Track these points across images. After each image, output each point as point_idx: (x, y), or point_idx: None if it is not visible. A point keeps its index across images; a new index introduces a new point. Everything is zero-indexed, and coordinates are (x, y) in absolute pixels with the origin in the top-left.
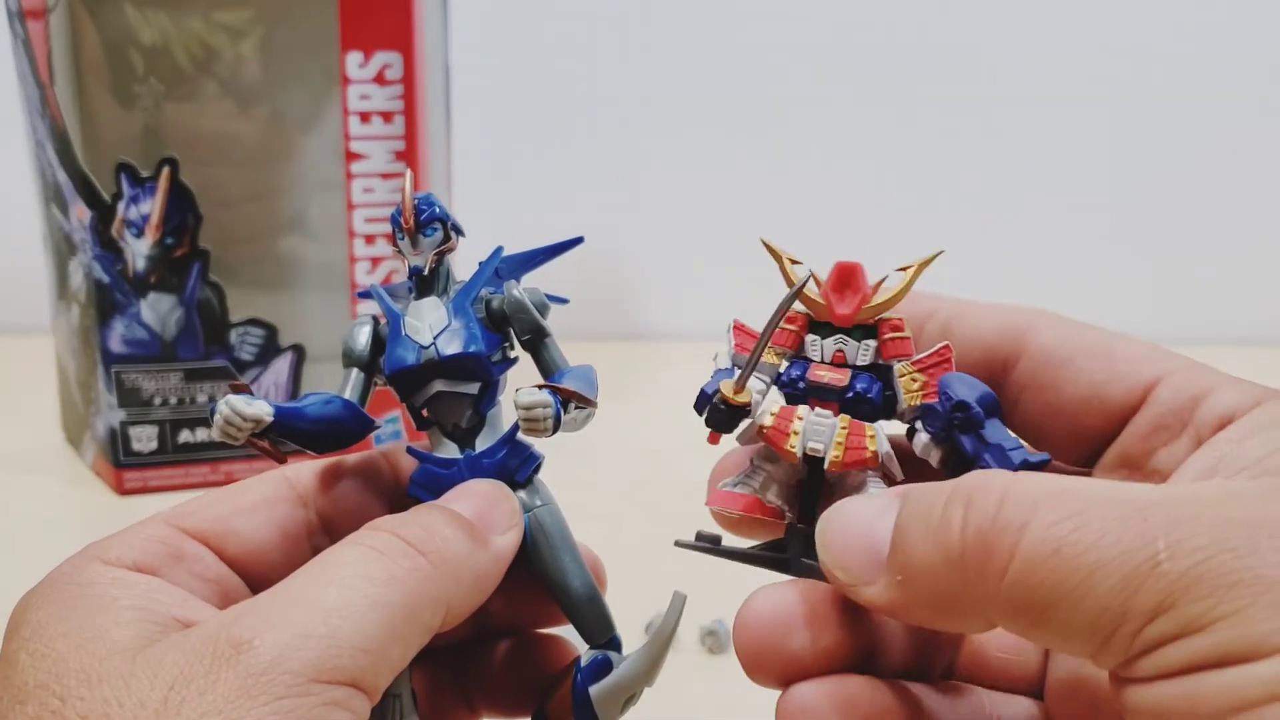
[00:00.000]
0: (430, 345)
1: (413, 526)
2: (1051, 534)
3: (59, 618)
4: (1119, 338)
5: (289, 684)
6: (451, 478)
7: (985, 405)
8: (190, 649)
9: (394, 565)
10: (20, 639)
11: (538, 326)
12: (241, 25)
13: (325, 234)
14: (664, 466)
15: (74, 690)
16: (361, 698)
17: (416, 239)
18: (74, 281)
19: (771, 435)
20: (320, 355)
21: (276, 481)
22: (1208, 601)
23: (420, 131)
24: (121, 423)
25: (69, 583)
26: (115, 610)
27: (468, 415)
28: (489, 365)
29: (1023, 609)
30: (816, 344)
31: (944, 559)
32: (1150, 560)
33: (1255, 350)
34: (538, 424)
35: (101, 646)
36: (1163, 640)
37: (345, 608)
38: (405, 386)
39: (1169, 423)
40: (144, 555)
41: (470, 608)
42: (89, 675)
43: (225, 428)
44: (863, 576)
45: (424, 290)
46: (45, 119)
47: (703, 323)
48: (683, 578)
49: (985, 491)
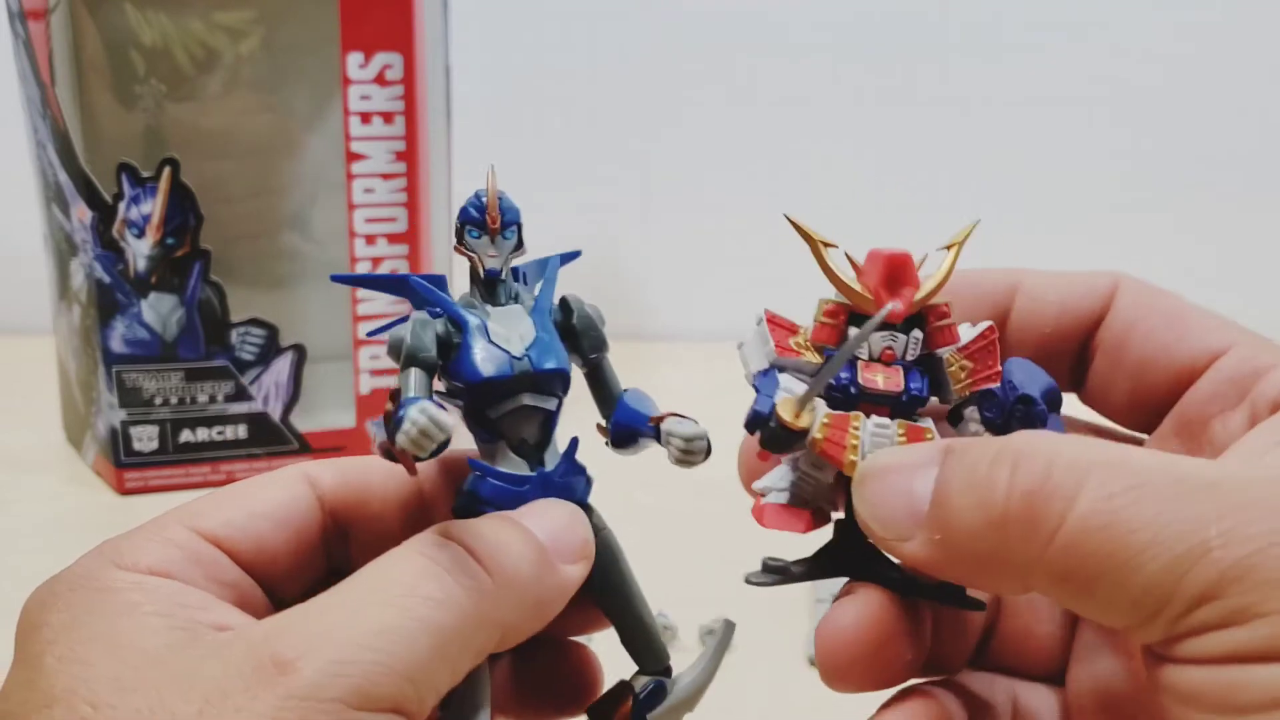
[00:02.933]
0: (523, 357)
1: (485, 539)
2: (1105, 506)
3: (82, 623)
4: (1194, 307)
5: (329, 710)
6: (524, 495)
7: (1049, 400)
8: (230, 662)
9: (454, 585)
10: (43, 641)
11: (604, 342)
12: (242, 26)
13: (326, 234)
14: (665, 467)
15: (105, 698)
16: None
17: (497, 239)
18: (75, 282)
19: (828, 450)
20: (320, 355)
21: (294, 481)
22: (1256, 595)
23: (420, 132)
24: (122, 422)
25: (87, 587)
26: (140, 616)
27: (537, 431)
28: (569, 382)
29: (1066, 578)
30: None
31: (985, 519)
32: (1202, 545)
33: None
34: (696, 457)
35: (134, 654)
36: (1206, 627)
37: (395, 630)
38: (488, 397)
39: (1227, 392)
40: (160, 559)
41: (526, 634)
42: (121, 683)
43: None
44: (901, 532)
45: (491, 296)
46: (46, 119)
47: (703, 323)
48: (683, 578)
49: (1034, 453)
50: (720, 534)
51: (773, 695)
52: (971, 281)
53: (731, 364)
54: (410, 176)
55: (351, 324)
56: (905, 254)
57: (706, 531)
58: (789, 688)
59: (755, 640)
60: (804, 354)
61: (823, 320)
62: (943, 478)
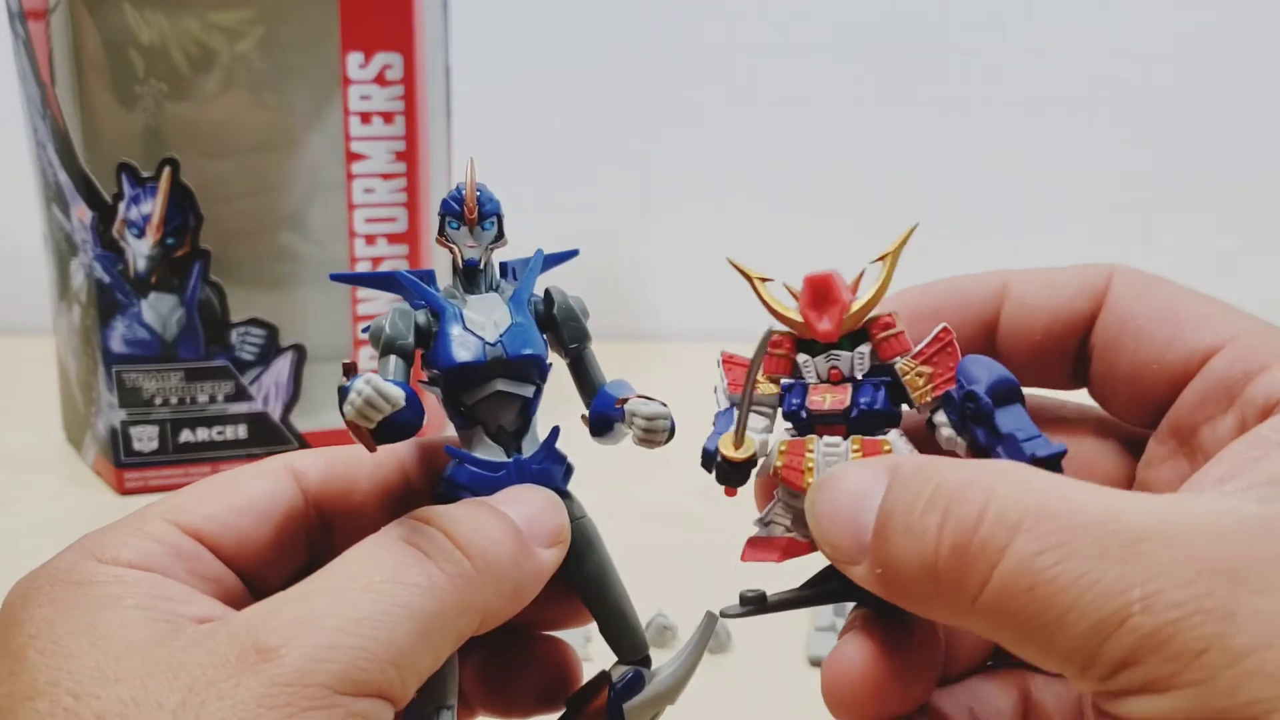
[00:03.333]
0: (497, 343)
1: (464, 524)
2: (1030, 566)
3: (65, 616)
4: (1189, 296)
5: (314, 696)
6: (500, 481)
7: (998, 392)
8: (213, 650)
9: (435, 571)
10: (25, 635)
11: (585, 333)
12: (239, 26)
13: (326, 234)
14: (662, 466)
15: (89, 689)
16: (387, 708)
17: (475, 230)
18: (75, 282)
19: (787, 476)
20: (320, 355)
21: (277, 473)
22: (1175, 664)
23: (420, 132)
24: (122, 422)
25: (68, 581)
26: (121, 610)
27: (514, 417)
28: (544, 368)
29: (997, 629)
30: (809, 364)
31: (919, 565)
32: (1123, 610)
33: None
34: (658, 436)
35: (116, 645)
36: (1128, 690)
37: (379, 616)
38: (463, 382)
39: (1217, 396)
40: (140, 553)
41: (504, 617)
42: (104, 674)
43: (364, 409)
44: (849, 556)
45: (471, 285)
46: (46, 119)
47: (702, 323)
48: (681, 578)
49: (965, 500)
50: (720, 533)
51: (773, 695)
52: (957, 290)
53: None
54: (410, 176)
55: (351, 324)
56: (827, 275)
57: (706, 531)
58: (789, 688)
59: (755, 640)
60: (760, 388)
61: (770, 352)
62: (883, 510)
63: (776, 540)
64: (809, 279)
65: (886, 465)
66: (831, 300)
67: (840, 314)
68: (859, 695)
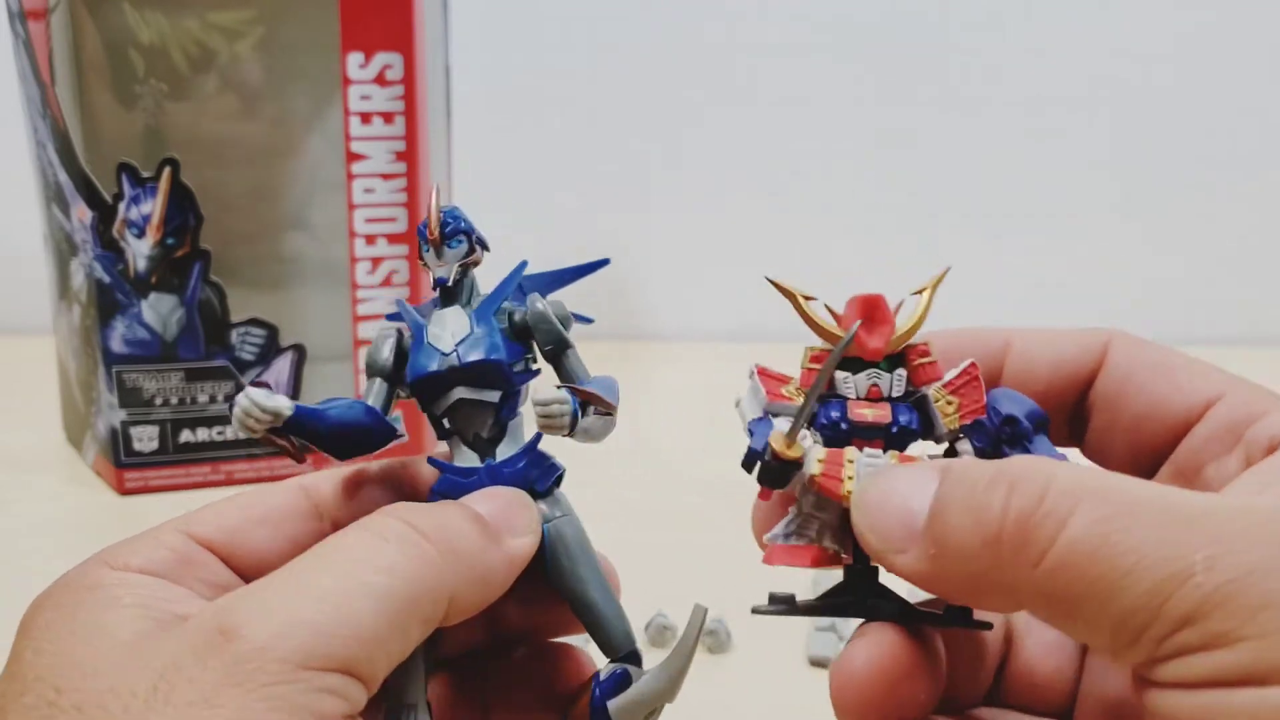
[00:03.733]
0: (452, 352)
1: (425, 515)
2: (1094, 530)
3: (65, 618)
4: (1185, 357)
5: (277, 671)
6: (471, 486)
7: (1033, 420)
8: (182, 638)
9: (397, 553)
10: (27, 638)
11: (560, 338)
12: (238, 26)
13: (326, 234)
14: (663, 466)
15: (71, 681)
16: (357, 685)
17: (441, 250)
18: (75, 282)
19: (824, 484)
20: (321, 355)
21: (292, 491)
22: (1236, 620)
23: (420, 132)
24: (122, 422)
25: (76, 586)
26: (118, 609)
27: (489, 424)
28: (510, 373)
29: (1054, 598)
30: (849, 381)
31: (981, 538)
32: (1186, 570)
33: (1256, 350)
34: (554, 420)
35: (103, 642)
36: (1188, 649)
37: (340, 593)
38: (427, 394)
39: (1223, 437)
40: (151, 561)
41: (476, 606)
42: (85, 667)
43: (244, 419)
44: (896, 544)
45: (448, 302)
46: (46, 119)
47: (703, 323)
48: (681, 578)
49: (1030, 477)
50: (719, 533)
51: (773, 695)
52: (961, 343)
53: (731, 364)
54: (410, 176)
55: (351, 324)
56: (878, 296)
57: (705, 531)
58: (789, 688)
59: (755, 640)
60: (795, 400)
61: (809, 366)
62: (941, 495)
63: (804, 548)
64: (861, 298)
65: (938, 466)
66: (881, 320)
67: (889, 334)
68: (868, 697)
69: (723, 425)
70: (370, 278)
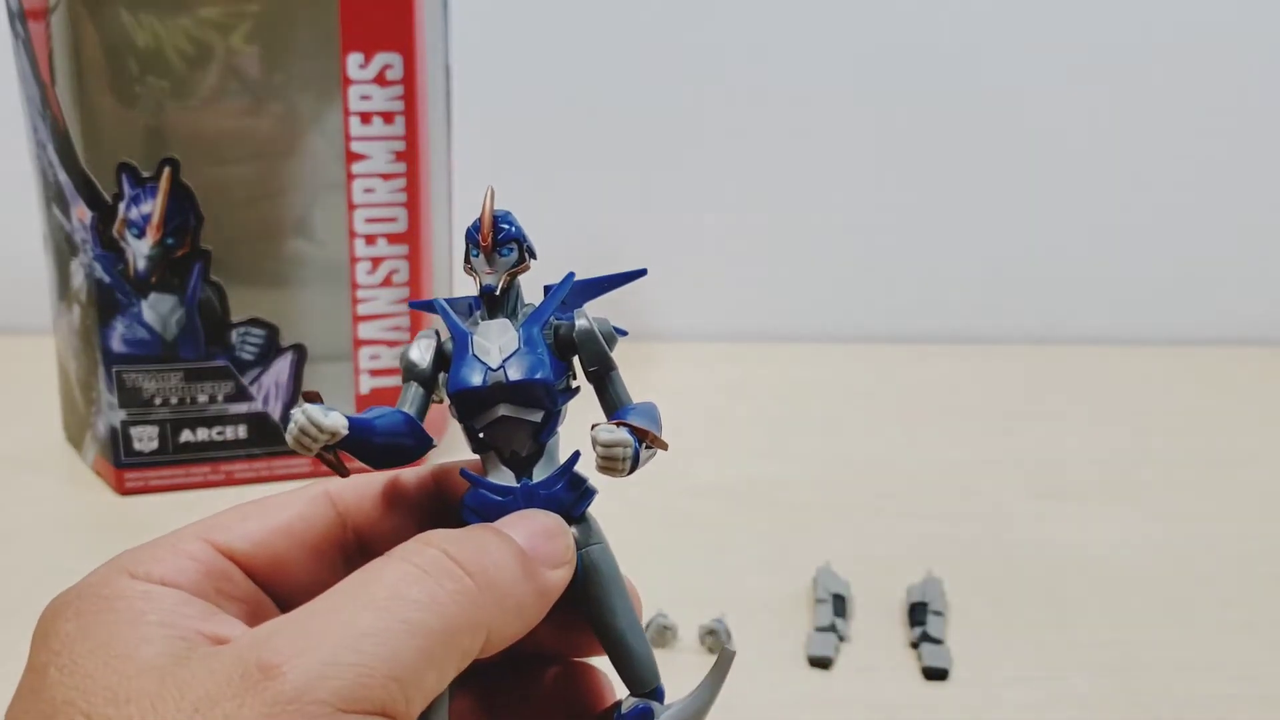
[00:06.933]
0: (499, 369)
1: (465, 545)
2: None
3: (86, 633)
4: None
5: (316, 713)
6: (506, 506)
7: None
8: (218, 669)
9: (436, 587)
10: (50, 652)
11: (606, 358)
12: (231, 22)
13: (326, 234)
14: (664, 466)
15: (100, 709)
16: None
17: (492, 257)
18: (75, 282)
19: None
20: (321, 355)
21: (316, 498)
22: None
23: (421, 132)
24: (122, 422)
25: (96, 595)
26: (142, 626)
27: (528, 443)
28: (555, 394)
29: None
30: None
31: None
32: None
33: (1257, 350)
34: (616, 464)
35: (130, 665)
36: None
37: (381, 633)
38: (468, 408)
39: None
40: (172, 570)
41: (510, 638)
42: (116, 694)
43: (300, 438)
44: None
45: (493, 311)
46: (46, 119)
47: (703, 323)
48: (681, 578)
49: None
50: (720, 533)
51: (773, 695)
52: None
53: (731, 364)
54: (410, 176)
55: (351, 324)
56: None
57: (706, 531)
58: (789, 688)
59: (755, 640)
60: None
61: None
62: None
63: None
64: None
65: None
66: None
67: None
68: None
69: (723, 425)
70: (370, 278)
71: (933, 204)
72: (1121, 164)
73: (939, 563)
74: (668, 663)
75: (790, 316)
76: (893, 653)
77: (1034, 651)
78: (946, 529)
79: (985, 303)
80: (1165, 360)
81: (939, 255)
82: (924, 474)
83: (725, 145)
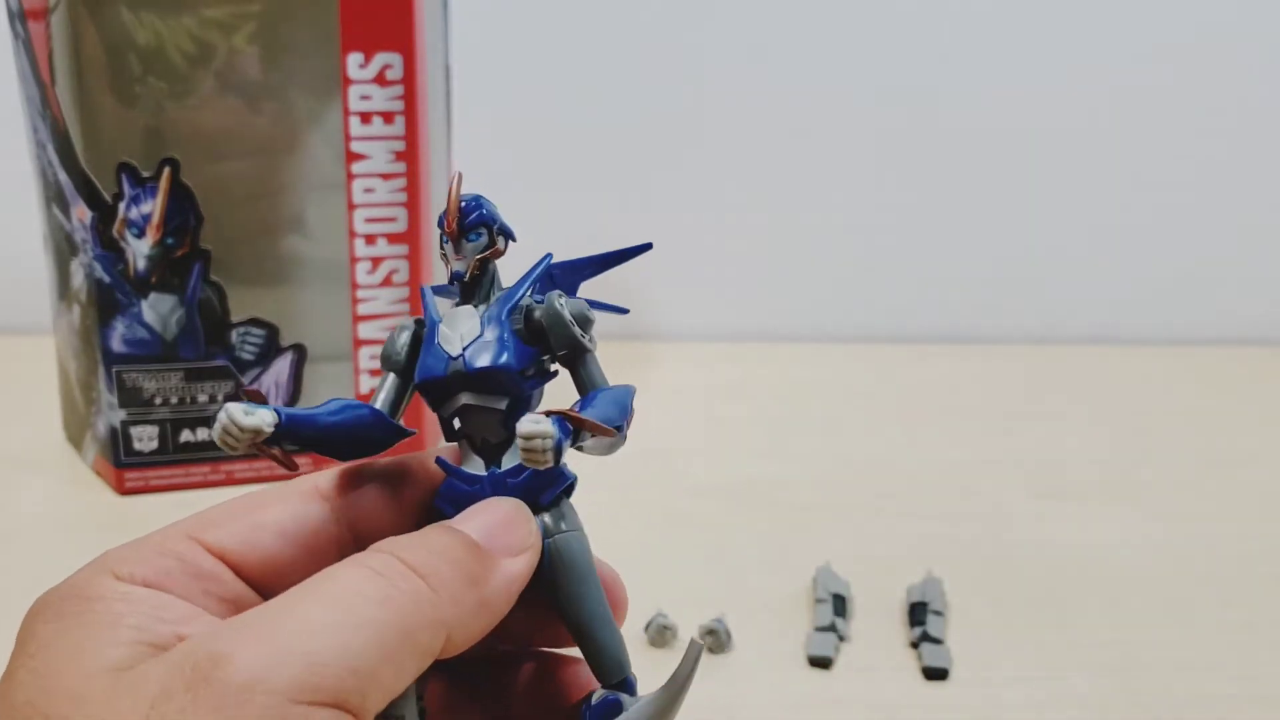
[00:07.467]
0: (459, 357)
1: (416, 549)
2: None
3: (62, 633)
4: None
5: (267, 703)
6: (473, 494)
7: None
8: (172, 664)
9: (390, 586)
10: (25, 654)
11: (575, 342)
12: (235, 23)
13: (326, 234)
14: (664, 466)
15: (60, 709)
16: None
17: (459, 243)
18: (75, 282)
19: None
20: (321, 355)
21: (306, 493)
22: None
23: (421, 132)
24: (122, 422)
25: (78, 596)
26: (117, 628)
27: (498, 431)
28: (520, 380)
29: None
30: None
31: None
32: None
33: (1257, 350)
34: (536, 455)
35: (93, 664)
36: None
37: (333, 625)
38: (433, 397)
39: None
40: (157, 571)
41: (477, 633)
42: (75, 694)
43: (224, 437)
44: None
45: (465, 297)
46: (46, 119)
47: (703, 323)
48: (681, 578)
49: None
50: (720, 533)
51: (773, 695)
52: None
53: (731, 364)
54: (410, 176)
55: (351, 324)
56: None
57: (706, 531)
58: (789, 688)
59: (755, 640)
60: None
61: None
62: None
63: None
64: None
65: None
66: None
67: None
68: None
69: (723, 425)
70: (370, 278)
71: (932, 204)
72: (1121, 164)
73: (939, 563)
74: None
75: (790, 316)
76: (893, 653)
77: (1034, 651)
78: (946, 529)
79: (985, 303)
80: (1165, 360)
81: (939, 255)
82: (924, 474)
83: (725, 145)
